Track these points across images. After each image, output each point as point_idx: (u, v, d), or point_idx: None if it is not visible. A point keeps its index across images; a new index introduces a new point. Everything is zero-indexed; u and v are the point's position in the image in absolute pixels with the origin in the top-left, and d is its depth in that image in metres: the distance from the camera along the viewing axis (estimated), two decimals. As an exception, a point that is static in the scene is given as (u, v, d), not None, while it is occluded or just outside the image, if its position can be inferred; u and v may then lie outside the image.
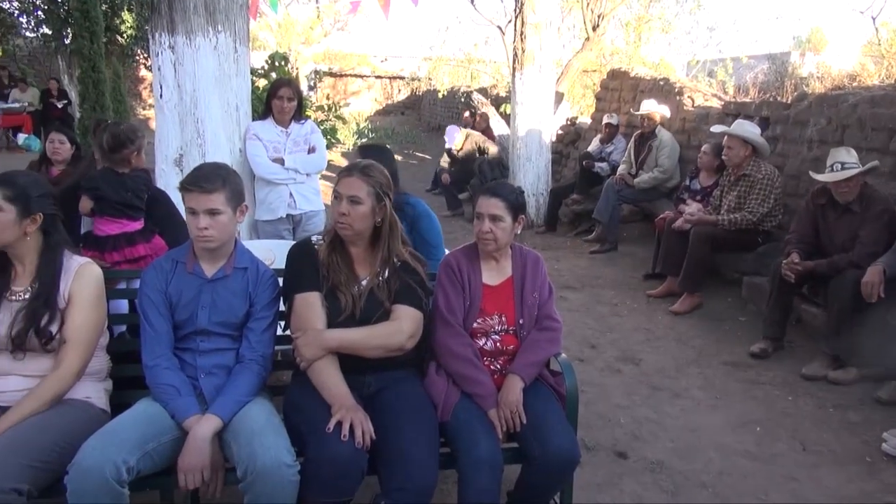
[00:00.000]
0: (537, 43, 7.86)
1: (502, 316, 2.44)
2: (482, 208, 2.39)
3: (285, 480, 1.92)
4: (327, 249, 2.29)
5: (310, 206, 4.16)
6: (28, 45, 19.04)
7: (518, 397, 2.28)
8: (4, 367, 2.11)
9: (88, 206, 2.98)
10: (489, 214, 2.38)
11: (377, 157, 2.96)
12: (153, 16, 3.78)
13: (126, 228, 2.96)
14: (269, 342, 2.28)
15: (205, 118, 3.82)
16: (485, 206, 2.39)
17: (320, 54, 20.57)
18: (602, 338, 4.64)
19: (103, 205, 2.97)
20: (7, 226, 2.08)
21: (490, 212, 2.37)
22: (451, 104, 17.12)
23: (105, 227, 2.96)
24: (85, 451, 1.87)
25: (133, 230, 2.98)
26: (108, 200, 2.95)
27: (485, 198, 2.40)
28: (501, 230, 2.38)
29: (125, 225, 2.96)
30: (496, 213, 2.37)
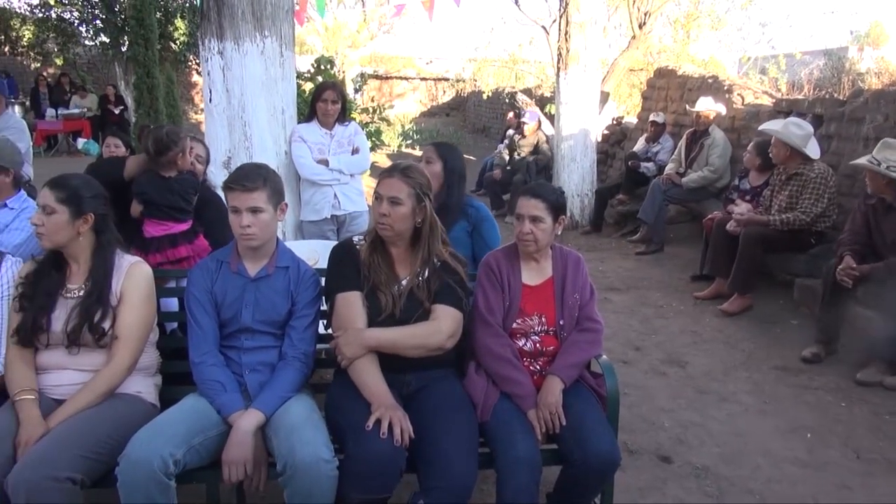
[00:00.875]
0: (582, 42, 7.79)
1: (542, 317, 2.43)
2: (522, 209, 2.39)
3: (323, 475, 1.95)
4: (368, 249, 2.32)
5: (354, 206, 4.21)
6: (87, 53, 19.78)
7: (557, 398, 2.27)
8: (60, 361, 2.20)
9: (138, 210, 3.07)
10: (529, 216, 2.37)
11: (450, 154, 3.04)
12: (203, 22, 3.88)
13: (171, 230, 3.05)
14: (310, 340, 2.33)
15: (252, 121, 3.91)
16: (525, 207, 2.38)
17: (366, 57, 20.78)
18: (647, 340, 4.57)
19: (151, 208, 3.06)
20: (61, 227, 2.17)
21: (530, 213, 2.37)
22: (495, 105, 17.10)
23: (151, 229, 3.05)
24: (134, 443, 1.94)
25: (177, 232, 3.06)
26: (155, 204, 3.04)
27: (525, 199, 2.40)
28: (542, 231, 2.37)
29: (170, 227, 3.05)
30: (536, 215, 2.36)
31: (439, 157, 3.03)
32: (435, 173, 3.01)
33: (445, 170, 3.01)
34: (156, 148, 3.01)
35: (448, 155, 3.05)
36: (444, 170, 3.01)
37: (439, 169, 3.01)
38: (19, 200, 2.84)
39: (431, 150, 3.09)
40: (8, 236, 2.71)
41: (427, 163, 3.03)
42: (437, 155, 3.04)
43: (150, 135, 3.08)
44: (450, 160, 3.03)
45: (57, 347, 2.19)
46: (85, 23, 17.49)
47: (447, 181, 3.02)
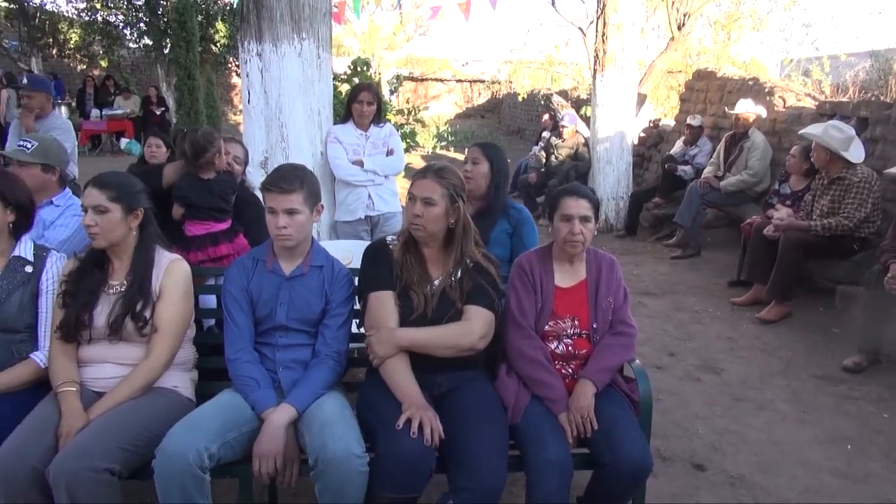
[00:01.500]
0: (619, 44, 7.72)
1: (575, 319, 2.41)
2: (571, 210, 2.35)
3: (354, 471, 1.97)
4: (401, 250, 2.34)
5: (388, 207, 4.24)
6: (131, 56, 20.30)
7: (589, 402, 2.25)
8: (101, 354, 2.25)
9: (180, 212, 3.14)
10: (580, 216, 2.35)
11: (496, 154, 3.06)
12: (242, 25, 3.95)
13: (212, 229, 3.10)
14: (343, 339, 2.35)
15: (289, 122, 3.96)
16: (574, 207, 2.36)
17: (402, 59, 20.92)
18: (682, 345, 4.50)
19: (192, 210, 3.12)
20: (116, 224, 2.23)
21: (581, 213, 2.35)
22: (531, 107, 17.03)
23: (193, 229, 3.11)
24: (170, 437, 1.98)
25: (218, 231, 3.11)
26: (196, 206, 3.10)
27: (573, 199, 2.37)
28: (589, 231, 2.37)
29: (211, 226, 3.10)
30: (586, 214, 2.35)
31: (486, 158, 3.04)
32: (482, 174, 3.04)
33: (492, 170, 3.03)
34: (192, 151, 3.07)
35: (494, 155, 3.06)
36: (490, 170, 3.02)
37: (486, 169, 3.02)
38: (64, 198, 2.92)
39: (478, 150, 3.10)
40: (53, 232, 2.79)
41: (474, 164, 3.04)
42: (483, 155, 3.05)
43: (185, 138, 3.14)
44: (496, 160, 3.05)
45: (99, 342, 2.25)
46: (129, 26, 17.96)
47: (494, 181, 3.04)
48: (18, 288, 2.30)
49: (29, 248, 2.38)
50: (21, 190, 2.39)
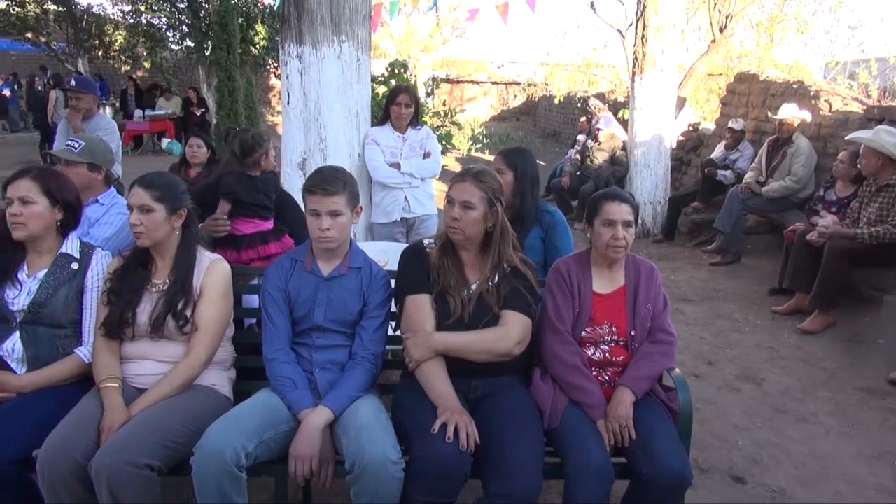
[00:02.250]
0: (659, 46, 7.61)
1: (613, 326, 2.38)
2: (614, 214, 2.32)
3: (390, 476, 1.97)
4: (438, 253, 2.33)
5: (423, 209, 4.24)
6: (173, 57, 20.72)
7: (627, 411, 2.21)
8: (143, 351, 2.29)
9: (227, 208, 3.16)
10: (623, 220, 2.31)
11: (520, 160, 2.98)
12: (283, 27, 3.99)
13: (259, 228, 3.14)
14: (380, 341, 2.35)
15: (327, 124, 3.99)
16: (617, 212, 2.32)
17: (438, 61, 20.97)
18: (720, 354, 4.41)
19: (239, 207, 3.15)
20: (160, 224, 2.27)
21: (624, 218, 2.31)
22: (566, 110, 16.92)
23: (241, 227, 3.14)
24: (209, 435, 2.00)
25: (266, 229, 3.15)
26: (244, 202, 3.13)
27: (615, 204, 2.33)
28: (631, 236, 2.33)
29: (258, 224, 3.14)
30: (629, 219, 2.32)
31: (509, 167, 2.96)
32: (507, 183, 2.93)
33: (517, 178, 2.96)
34: (242, 149, 3.11)
35: (519, 161, 2.98)
36: (515, 178, 2.95)
37: (511, 179, 2.95)
38: (109, 196, 2.98)
39: (500, 160, 3.02)
40: (98, 230, 2.85)
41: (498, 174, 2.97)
42: (506, 164, 2.97)
43: (236, 137, 3.19)
44: (520, 166, 2.97)
45: (141, 339, 2.29)
46: (172, 28, 18.34)
47: (520, 189, 2.97)
48: (64, 284, 2.35)
49: (75, 246, 2.43)
50: (69, 189, 2.45)
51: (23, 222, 2.30)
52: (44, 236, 2.37)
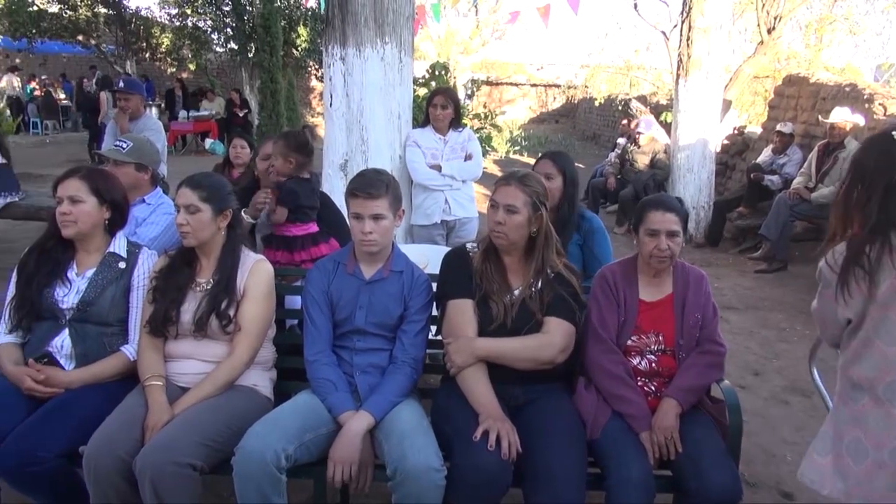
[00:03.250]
0: (705, 48, 7.45)
1: (659, 335, 2.32)
2: (658, 224, 2.25)
3: (432, 484, 1.94)
4: (481, 257, 2.30)
5: (464, 212, 4.20)
6: (217, 59, 21.11)
7: (674, 423, 2.15)
8: (187, 350, 2.32)
9: (284, 214, 3.10)
10: (667, 231, 2.24)
11: (568, 165, 2.94)
12: (327, 29, 4.00)
13: (308, 230, 3.13)
14: (421, 345, 2.33)
15: (369, 126, 3.99)
16: (660, 221, 2.25)
17: (477, 63, 20.93)
18: (767, 365, 4.29)
19: (298, 212, 3.12)
20: (206, 224, 2.29)
21: (668, 228, 2.24)
22: (607, 112, 16.75)
23: (292, 230, 3.12)
24: (250, 436, 2.01)
25: (315, 231, 3.14)
26: (302, 206, 3.12)
27: (659, 213, 2.26)
28: (677, 246, 2.26)
29: (307, 227, 3.13)
30: (674, 229, 2.25)
31: (559, 171, 2.91)
32: (557, 188, 2.90)
33: (565, 182, 2.91)
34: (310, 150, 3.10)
35: (567, 166, 2.93)
36: (564, 183, 2.90)
37: (560, 183, 2.90)
38: (156, 196, 3.02)
39: (550, 164, 2.95)
40: (145, 230, 2.89)
41: (547, 178, 2.87)
42: (556, 169, 2.92)
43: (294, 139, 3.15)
44: (569, 171, 2.92)
45: (185, 338, 2.31)
46: (217, 31, 18.69)
47: (567, 194, 2.92)
48: (112, 283, 2.39)
49: (122, 245, 2.47)
50: (116, 188, 2.49)
51: (72, 221, 2.34)
52: (92, 235, 2.41)
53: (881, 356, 1.69)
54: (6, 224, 6.11)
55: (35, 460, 2.03)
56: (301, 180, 3.13)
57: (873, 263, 1.64)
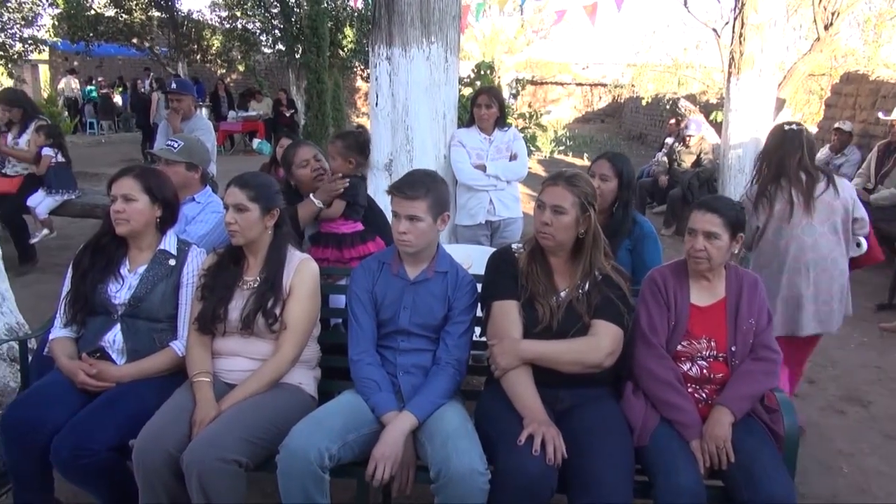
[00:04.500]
0: (758, 45, 7.23)
1: (711, 341, 2.25)
2: (696, 224, 2.22)
3: (476, 487, 1.92)
4: (527, 258, 2.26)
5: (508, 213, 4.16)
6: (265, 60, 21.48)
7: (726, 432, 2.08)
8: (234, 348, 2.34)
9: (342, 208, 3.10)
10: (703, 231, 2.20)
11: (626, 167, 2.88)
12: (373, 29, 4.01)
13: (356, 228, 3.14)
14: (465, 347, 2.31)
15: (414, 125, 3.98)
16: (699, 221, 2.21)
17: (522, 63, 20.82)
18: (822, 373, 4.13)
19: (351, 209, 3.12)
20: (254, 223, 2.32)
21: (704, 228, 2.20)
22: (654, 112, 16.45)
23: (341, 227, 3.13)
24: (294, 434, 2.01)
25: (361, 229, 3.14)
26: (357, 204, 3.12)
27: (700, 213, 2.23)
28: (716, 249, 2.19)
29: (354, 225, 3.14)
30: (712, 230, 2.19)
31: (616, 173, 2.85)
32: (611, 190, 2.85)
33: (621, 185, 2.85)
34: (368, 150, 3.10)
35: (625, 168, 2.86)
36: (619, 186, 2.85)
37: (615, 186, 2.85)
38: (205, 195, 3.07)
39: (607, 165, 2.88)
40: (194, 227, 2.94)
41: (602, 180, 2.84)
42: (613, 171, 2.86)
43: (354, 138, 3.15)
44: (626, 174, 2.85)
45: (232, 335, 2.34)
46: (265, 32, 19.03)
47: (622, 198, 2.86)
48: (162, 280, 2.43)
49: (173, 243, 2.51)
50: (167, 187, 2.53)
51: (125, 219, 2.39)
52: (144, 232, 2.45)
53: (772, 246, 3.07)
54: (63, 221, 6.32)
55: (87, 452, 2.07)
56: (359, 178, 3.14)
57: (772, 194, 3.03)
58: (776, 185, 3.00)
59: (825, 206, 3.01)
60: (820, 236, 3.00)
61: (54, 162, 5.66)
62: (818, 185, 3.01)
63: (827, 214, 3.01)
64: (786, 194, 2.98)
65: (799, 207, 2.97)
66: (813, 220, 2.99)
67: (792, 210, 2.97)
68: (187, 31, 19.35)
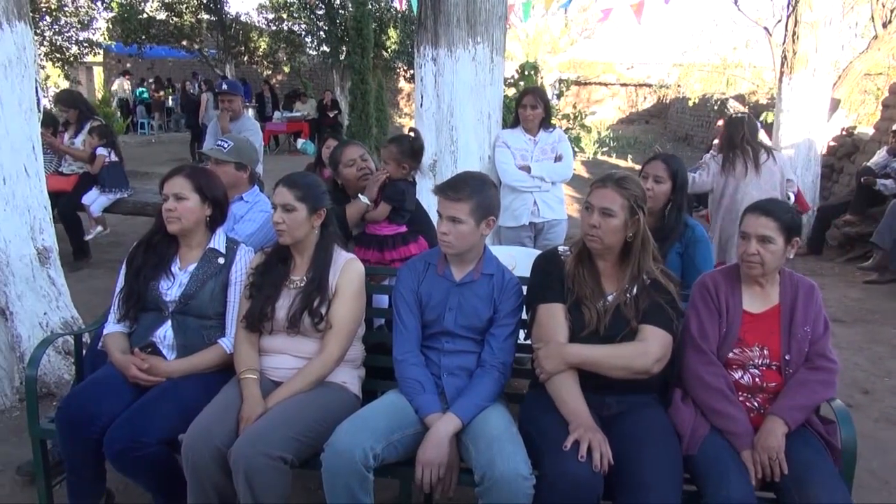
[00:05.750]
0: (812, 44, 7.04)
1: (764, 348, 2.18)
2: (749, 227, 2.16)
3: (521, 492, 1.90)
4: (574, 261, 2.23)
5: (553, 214, 4.13)
6: (310, 62, 21.78)
7: (779, 442, 2.01)
8: (280, 346, 2.37)
9: (387, 211, 3.10)
10: (757, 235, 2.13)
11: (681, 169, 2.85)
12: (419, 30, 4.03)
13: (398, 230, 3.15)
14: (510, 350, 2.29)
15: (459, 126, 3.98)
16: (752, 225, 2.15)
17: (565, 63, 20.66)
18: (878, 383, 3.98)
19: (396, 213, 3.12)
20: (301, 223, 2.34)
21: (758, 232, 2.13)
22: (701, 112, 16.15)
23: (383, 229, 3.15)
24: (339, 433, 2.02)
25: (404, 231, 3.15)
26: (404, 209, 3.12)
27: (753, 216, 2.16)
28: (770, 253, 2.13)
29: (399, 227, 3.15)
30: (766, 234, 2.12)
31: (670, 175, 2.81)
32: (664, 192, 2.80)
33: (675, 188, 2.80)
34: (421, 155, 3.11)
35: (680, 171, 2.81)
36: (672, 189, 2.80)
37: (668, 189, 2.80)
38: (253, 194, 3.12)
39: (662, 167, 2.84)
40: (242, 226, 2.98)
41: (656, 182, 2.80)
42: (668, 172, 2.81)
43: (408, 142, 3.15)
44: (680, 176, 2.81)
45: (279, 333, 2.36)
46: (310, 34, 19.30)
47: (674, 201, 2.81)
48: (211, 278, 2.47)
49: (222, 241, 2.56)
50: (217, 186, 2.58)
51: (177, 217, 2.44)
52: (194, 230, 2.50)
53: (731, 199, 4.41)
54: (116, 219, 6.50)
55: (138, 445, 2.12)
56: (409, 183, 3.14)
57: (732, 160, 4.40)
58: (733, 154, 4.43)
59: (768, 170, 4.45)
60: (764, 192, 4.16)
61: (108, 161, 5.84)
62: (761, 154, 4.46)
63: (769, 176, 4.44)
64: (741, 161, 4.39)
65: (752, 171, 4.37)
66: (760, 180, 4.39)
67: (746, 172, 4.37)
68: (235, 33, 19.75)
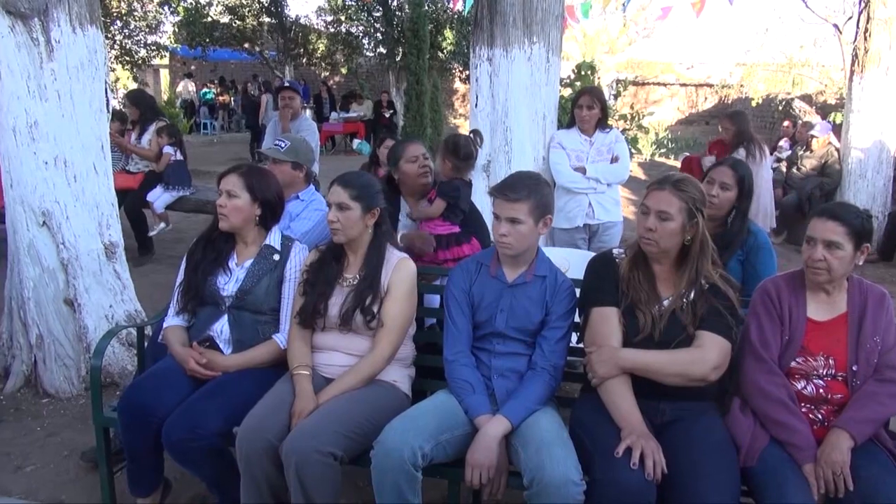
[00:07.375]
0: (886, 41, 6.74)
1: (829, 358, 2.09)
2: (816, 232, 2.07)
3: (570, 498, 1.87)
4: (629, 265, 2.19)
5: (608, 216, 4.06)
6: (367, 63, 22.04)
7: (844, 457, 1.93)
8: (332, 343, 2.40)
9: (442, 208, 3.11)
10: (823, 240, 2.04)
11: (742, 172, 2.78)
12: (475, 30, 4.02)
13: (452, 230, 3.15)
14: (561, 353, 2.26)
15: (513, 126, 3.96)
16: (819, 229, 2.06)
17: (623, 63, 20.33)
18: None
19: (451, 211, 3.13)
20: (355, 221, 2.37)
21: (825, 237, 2.04)
22: (764, 113, 15.65)
23: (436, 228, 3.16)
24: (388, 432, 2.03)
25: (457, 231, 3.15)
26: (458, 207, 3.14)
27: (820, 220, 2.07)
28: (838, 259, 2.04)
29: (452, 227, 3.15)
30: (833, 240, 2.03)
31: (737, 182, 2.74)
32: (728, 199, 2.74)
33: (741, 195, 2.73)
34: (465, 154, 3.13)
35: (747, 177, 2.73)
36: (739, 196, 2.74)
37: (734, 196, 2.74)
38: (309, 193, 3.17)
39: (729, 172, 2.77)
40: (298, 224, 3.04)
41: (722, 189, 2.74)
42: (735, 178, 2.75)
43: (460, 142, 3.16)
44: (747, 183, 2.73)
45: (331, 330, 2.39)
46: (367, 36, 19.53)
47: (739, 208, 2.74)
48: (267, 274, 2.52)
49: (277, 238, 2.60)
50: (270, 186, 2.60)
51: (225, 214, 2.50)
52: (245, 228, 2.56)
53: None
54: (179, 216, 6.71)
55: (195, 437, 2.18)
56: (465, 183, 3.15)
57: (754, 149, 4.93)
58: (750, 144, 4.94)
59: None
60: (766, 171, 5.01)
61: (173, 160, 6.03)
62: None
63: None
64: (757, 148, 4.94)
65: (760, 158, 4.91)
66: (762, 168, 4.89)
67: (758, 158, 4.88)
68: (294, 35, 20.14)
